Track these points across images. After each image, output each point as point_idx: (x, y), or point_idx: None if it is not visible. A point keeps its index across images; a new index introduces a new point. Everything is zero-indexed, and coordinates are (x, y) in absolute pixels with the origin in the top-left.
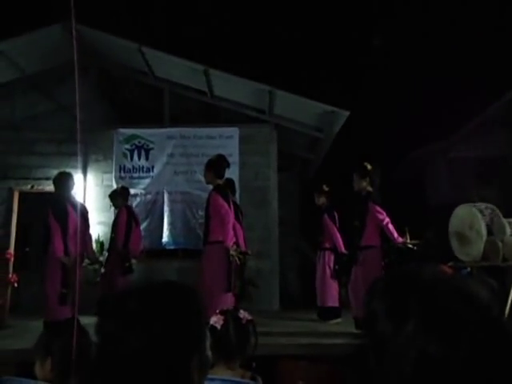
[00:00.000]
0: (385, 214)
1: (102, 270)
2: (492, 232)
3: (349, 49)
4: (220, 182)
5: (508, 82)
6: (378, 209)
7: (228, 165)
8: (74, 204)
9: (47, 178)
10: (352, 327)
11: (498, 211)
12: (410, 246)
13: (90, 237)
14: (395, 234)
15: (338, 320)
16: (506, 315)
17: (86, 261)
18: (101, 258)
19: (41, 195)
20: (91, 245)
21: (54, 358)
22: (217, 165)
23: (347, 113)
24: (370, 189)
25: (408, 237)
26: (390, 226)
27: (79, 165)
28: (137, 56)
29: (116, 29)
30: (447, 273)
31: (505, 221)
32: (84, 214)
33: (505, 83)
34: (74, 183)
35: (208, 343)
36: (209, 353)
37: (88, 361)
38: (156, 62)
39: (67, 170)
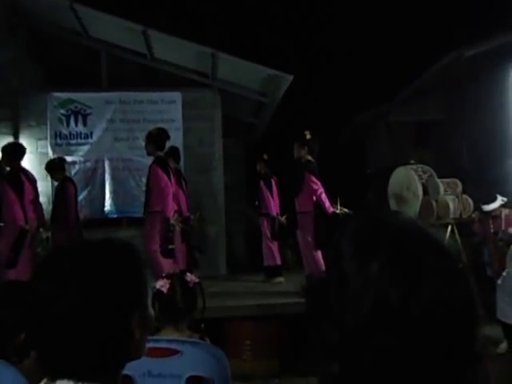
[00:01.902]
0: (319, 184)
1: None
2: (427, 192)
3: (292, 12)
4: (161, 153)
5: (443, 47)
6: (314, 179)
7: (168, 137)
8: (26, 173)
9: None
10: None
11: (433, 172)
12: (339, 212)
13: (40, 205)
14: (327, 204)
15: (281, 279)
16: None
17: (41, 230)
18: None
19: None
20: (42, 212)
21: None
22: (157, 137)
23: (291, 77)
24: (308, 157)
25: (338, 206)
26: (323, 196)
27: (6, 130)
28: (69, 14)
29: None
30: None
31: (439, 181)
32: (34, 182)
33: (440, 49)
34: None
35: (150, 300)
36: (151, 310)
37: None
38: (90, 21)
39: None
